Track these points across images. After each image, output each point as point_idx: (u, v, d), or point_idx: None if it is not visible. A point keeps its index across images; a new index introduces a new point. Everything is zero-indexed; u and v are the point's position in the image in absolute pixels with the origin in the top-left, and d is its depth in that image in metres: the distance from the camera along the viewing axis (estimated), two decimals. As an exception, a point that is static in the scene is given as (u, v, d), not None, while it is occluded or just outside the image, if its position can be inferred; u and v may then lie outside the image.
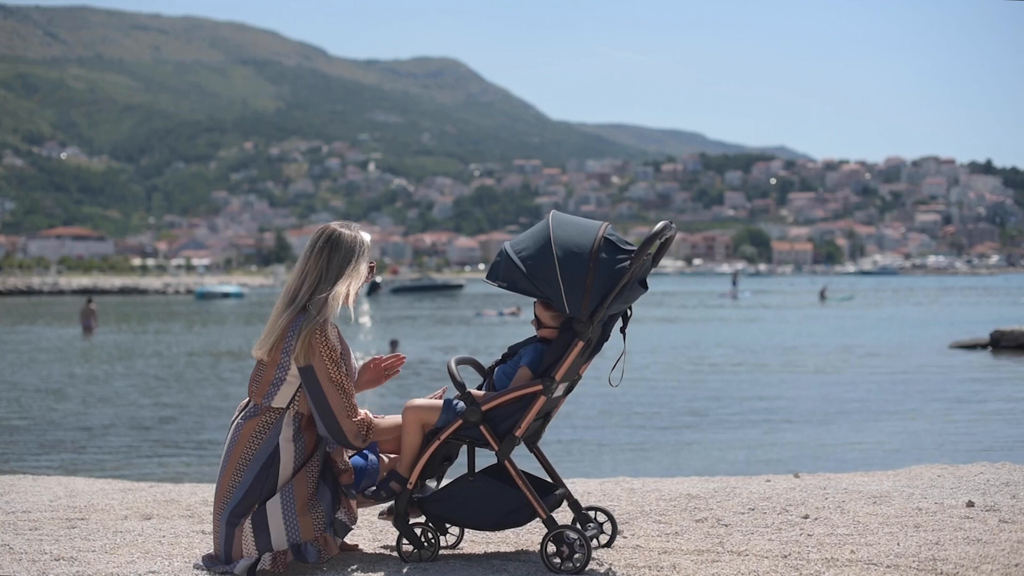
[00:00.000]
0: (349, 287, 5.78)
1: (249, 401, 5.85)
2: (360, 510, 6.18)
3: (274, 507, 5.63)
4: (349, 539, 6.31)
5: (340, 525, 5.77)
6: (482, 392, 5.83)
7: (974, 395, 23.20)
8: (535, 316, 5.86)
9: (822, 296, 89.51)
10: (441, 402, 5.80)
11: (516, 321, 57.13)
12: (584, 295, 5.49)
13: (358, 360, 6.06)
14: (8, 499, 7.69)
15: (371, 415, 5.93)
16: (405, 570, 5.60)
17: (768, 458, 15.75)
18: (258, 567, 5.59)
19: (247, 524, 5.64)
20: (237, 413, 5.87)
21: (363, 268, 5.86)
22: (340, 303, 5.75)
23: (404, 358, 6.13)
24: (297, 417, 5.76)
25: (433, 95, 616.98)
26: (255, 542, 5.62)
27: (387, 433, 5.88)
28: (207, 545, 6.19)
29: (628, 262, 5.51)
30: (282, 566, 5.60)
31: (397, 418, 5.93)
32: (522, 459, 5.94)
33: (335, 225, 5.94)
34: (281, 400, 5.74)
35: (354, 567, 5.68)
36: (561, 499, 5.96)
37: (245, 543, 5.63)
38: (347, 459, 5.87)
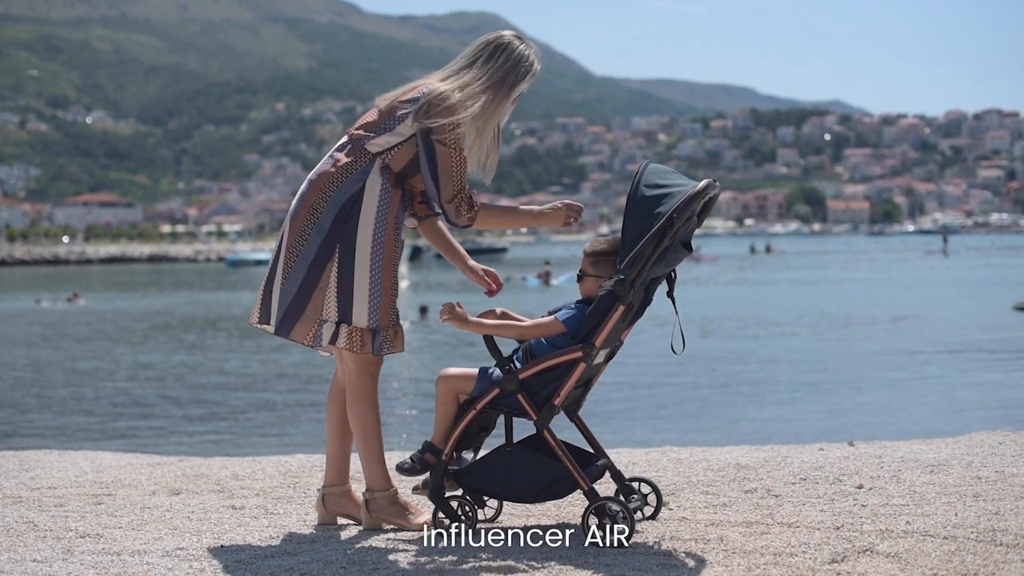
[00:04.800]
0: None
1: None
2: (396, 485, 6.03)
3: (362, 276, 5.50)
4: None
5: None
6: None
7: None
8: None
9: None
10: (476, 370, 5.63)
11: (548, 289, 56.84)
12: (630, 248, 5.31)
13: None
14: (33, 474, 7.60)
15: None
16: (442, 545, 5.43)
17: (822, 426, 15.53)
18: (338, 340, 5.50)
19: (332, 278, 5.51)
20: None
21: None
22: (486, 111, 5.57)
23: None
24: (385, 170, 5.57)
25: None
26: (338, 306, 5.50)
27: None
28: (237, 521, 6.04)
29: (664, 212, 5.26)
30: (358, 346, 5.49)
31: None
32: (564, 430, 5.76)
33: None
34: (376, 146, 5.57)
35: (389, 541, 5.53)
36: (603, 470, 5.77)
37: (327, 303, 5.51)
38: None
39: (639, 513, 5.78)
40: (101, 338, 32.50)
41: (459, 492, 5.67)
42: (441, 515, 5.59)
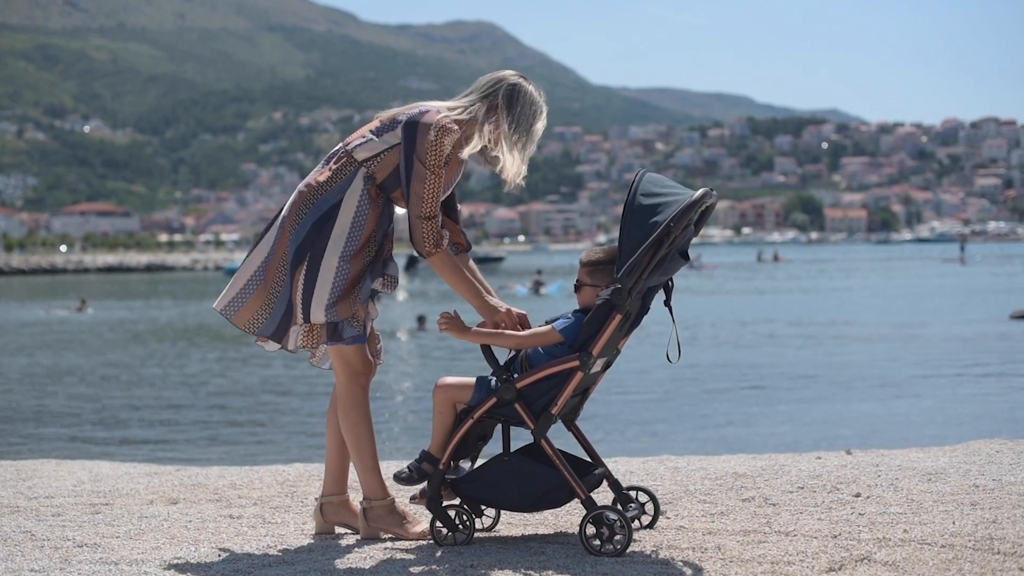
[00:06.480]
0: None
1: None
2: (393, 494, 6.02)
3: (325, 279, 5.55)
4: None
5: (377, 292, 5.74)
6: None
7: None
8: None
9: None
10: (474, 380, 5.62)
11: (538, 298, 56.66)
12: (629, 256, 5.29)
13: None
14: (31, 484, 7.58)
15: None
16: (439, 554, 5.42)
17: (820, 434, 15.49)
18: (298, 340, 5.63)
19: (300, 283, 5.57)
20: None
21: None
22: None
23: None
24: (368, 180, 5.60)
25: (469, 60, 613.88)
26: (301, 310, 5.59)
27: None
28: (235, 530, 6.03)
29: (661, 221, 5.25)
30: (313, 341, 5.61)
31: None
32: (561, 439, 5.75)
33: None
34: (363, 152, 5.61)
35: (387, 550, 5.52)
36: (601, 479, 5.76)
37: (296, 308, 5.62)
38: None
39: (637, 522, 5.76)
40: (102, 347, 32.41)
41: (456, 501, 5.66)
42: (439, 524, 5.59)
